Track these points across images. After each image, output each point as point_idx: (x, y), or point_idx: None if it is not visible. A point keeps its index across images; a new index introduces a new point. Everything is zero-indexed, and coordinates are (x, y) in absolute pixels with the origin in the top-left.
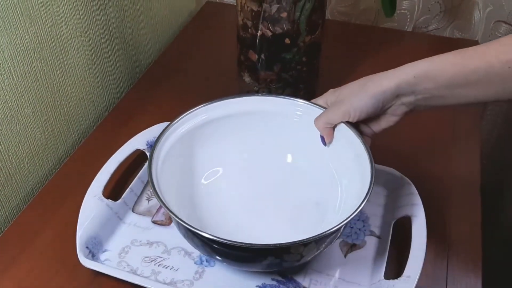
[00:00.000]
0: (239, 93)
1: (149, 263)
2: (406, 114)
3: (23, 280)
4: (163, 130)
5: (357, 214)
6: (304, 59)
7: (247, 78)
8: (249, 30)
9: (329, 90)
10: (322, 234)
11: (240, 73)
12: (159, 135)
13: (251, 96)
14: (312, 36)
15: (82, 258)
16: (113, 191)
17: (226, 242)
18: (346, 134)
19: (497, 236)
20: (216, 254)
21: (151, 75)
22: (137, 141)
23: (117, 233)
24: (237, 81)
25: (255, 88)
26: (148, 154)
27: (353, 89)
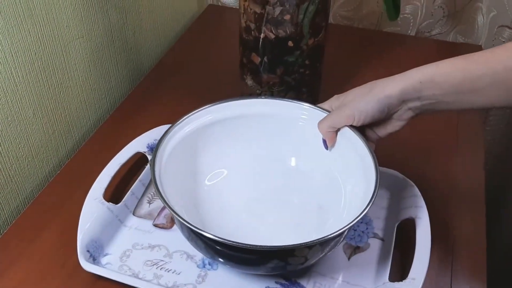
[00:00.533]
0: (242, 96)
1: (151, 267)
2: (412, 118)
3: (22, 283)
4: (167, 131)
5: (361, 218)
6: (307, 62)
7: (250, 81)
8: (252, 33)
9: (334, 96)
10: (327, 237)
11: (243, 76)
12: (163, 136)
13: (256, 99)
14: (316, 39)
15: (83, 262)
16: (114, 194)
17: (231, 244)
18: (350, 138)
19: (500, 240)
20: (219, 257)
21: (153, 78)
22: (138, 144)
23: (118, 237)
24: (239, 84)
25: (258, 91)
26: (149, 157)
27: (358, 94)
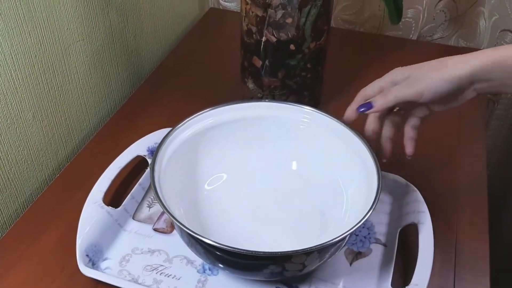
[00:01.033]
0: (243, 100)
1: (151, 272)
2: (472, 99)
3: (21, 287)
4: (167, 135)
5: (363, 223)
6: (309, 66)
7: (251, 85)
8: (254, 36)
9: (395, 68)
10: (325, 244)
11: (244, 79)
12: (162, 140)
13: (257, 102)
14: (317, 43)
15: (82, 267)
16: (114, 198)
17: (228, 249)
18: (352, 142)
19: (503, 245)
20: (219, 262)
21: (154, 81)
22: (138, 147)
23: (118, 241)
24: (241, 88)
25: (259, 95)
26: (149, 161)
27: (429, 70)
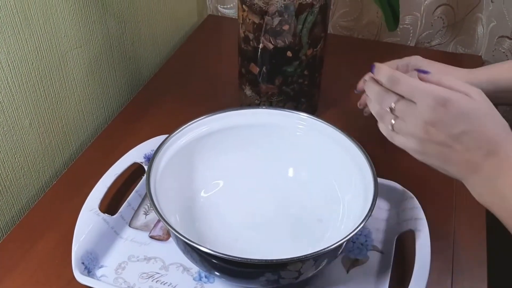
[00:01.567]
0: (240, 106)
1: (147, 280)
2: None
3: None
4: (163, 142)
5: (359, 230)
6: (306, 73)
7: (248, 91)
8: (251, 43)
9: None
10: (320, 252)
11: (241, 86)
12: (158, 147)
13: (253, 109)
14: (314, 50)
15: (78, 274)
16: (110, 205)
17: (223, 257)
18: (349, 148)
19: (501, 251)
20: (215, 270)
21: (151, 88)
22: (135, 154)
23: (114, 249)
24: (238, 94)
25: (256, 101)
26: (146, 167)
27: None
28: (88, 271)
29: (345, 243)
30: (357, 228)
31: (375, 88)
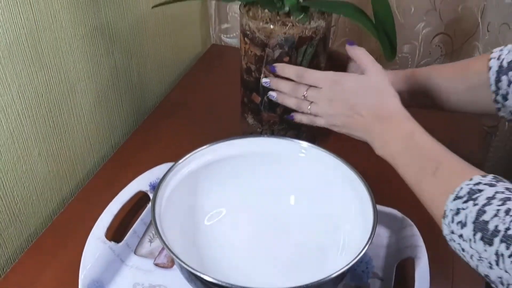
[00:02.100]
0: (243, 134)
1: None
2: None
3: None
4: (167, 171)
5: (360, 258)
6: None
7: (251, 120)
8: (253, 74)
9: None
10: (321, 281)
11: (244, 115)
12: (163, 177)
13: (256, 137)
14: None
15: None
16: (116, 233)
17: (226, 286)
18: (349, 176)
19: None
20: None
21: (156, 116)
22: (140, 183)
23: (120, 276)
24: (241, 122)
25: (258, 130)
26: (151, 196)
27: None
28: None
29: (343, 274)
30: (357, 257)
31: (287, 84)
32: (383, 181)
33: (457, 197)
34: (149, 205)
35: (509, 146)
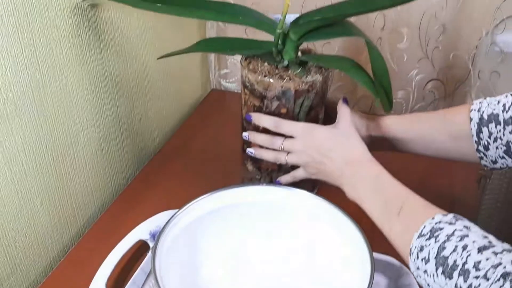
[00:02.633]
0: (242, 182)
1: None
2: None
3: None
4: (167, 222)
5: None
6: None
7: (250, 166)
8: (252, 123)
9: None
10: None
11: (244, 161)
12: (163, 228)
13: (254, 186)
14: None
15: None
16: (116, 282)
17: None
18: (346, 225)
19: None
20: None
21: (157, 162)
22: (140, 231)
23: None
24: (241, 169)
25: (257, 176)
26: (151, 244)
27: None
28: None
29: None
30: None
31: (263, 136)
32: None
33: (421, 235)
34: (149, 254)
35: (505, 189)
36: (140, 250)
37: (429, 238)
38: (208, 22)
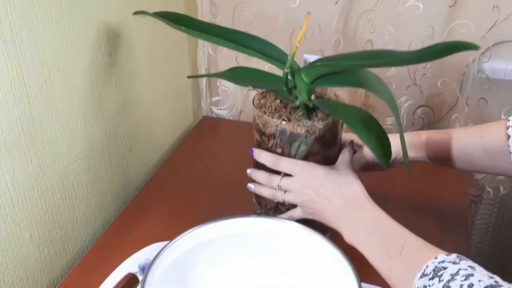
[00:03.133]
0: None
1: None
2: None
3: None
4: (156, 255)
5: None
6: None
7: (254, 200)
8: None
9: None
10: None
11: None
12: (152, 261)
13: (244, 218)
14: None
15: None
16: None
17: None
18: (334, 256)
19: None
20: None
21: (148, 192)
22: (129, 264)
23: None
24: (233, 200)
25: (258, 211)
26: (140, 277)
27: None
28: None
29: None
30: None
31: (262, 174)
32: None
33: (424, 275)
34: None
35: (496, 213)
36: (130, 283)
37: (432, 278)
38: (199, 50)
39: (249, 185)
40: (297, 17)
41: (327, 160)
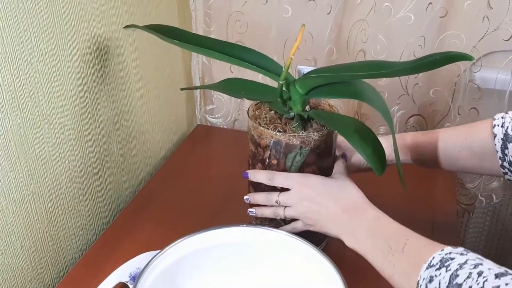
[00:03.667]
0: (222, 225)
1: None
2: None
3: None
4: (147, 264)
5: None
6: None
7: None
8: (249, 167)
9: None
10: None
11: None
12: (142, 270)
13: (234, 227)
14: None
15: None
16: None
17: None
18: (325, 269)
19: None
20: None
21: (140, 201)
22: (120, 273)
23: None
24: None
25: (254, 222)
26: (131, 287)
27: None
28: None
29: None
30: None
31: (260, 195)
32: (360, 271)
33: (430, 266)
34: None
35: (489, 223)
36: None
37: (439, 268)
38: (193, 59)
39: (250, 210)
40: (290, 27)
41: (323, 170)
